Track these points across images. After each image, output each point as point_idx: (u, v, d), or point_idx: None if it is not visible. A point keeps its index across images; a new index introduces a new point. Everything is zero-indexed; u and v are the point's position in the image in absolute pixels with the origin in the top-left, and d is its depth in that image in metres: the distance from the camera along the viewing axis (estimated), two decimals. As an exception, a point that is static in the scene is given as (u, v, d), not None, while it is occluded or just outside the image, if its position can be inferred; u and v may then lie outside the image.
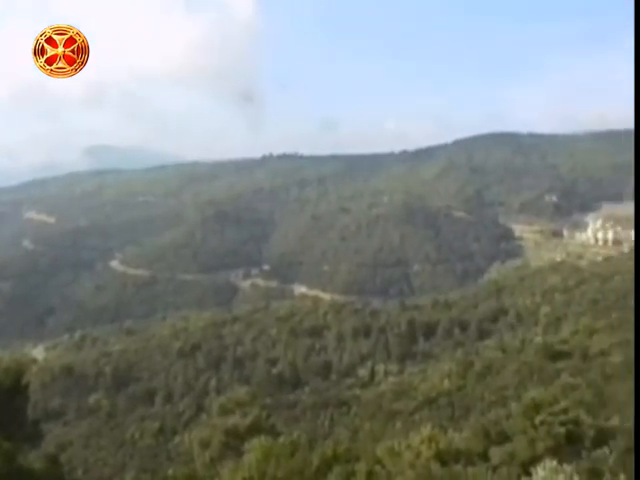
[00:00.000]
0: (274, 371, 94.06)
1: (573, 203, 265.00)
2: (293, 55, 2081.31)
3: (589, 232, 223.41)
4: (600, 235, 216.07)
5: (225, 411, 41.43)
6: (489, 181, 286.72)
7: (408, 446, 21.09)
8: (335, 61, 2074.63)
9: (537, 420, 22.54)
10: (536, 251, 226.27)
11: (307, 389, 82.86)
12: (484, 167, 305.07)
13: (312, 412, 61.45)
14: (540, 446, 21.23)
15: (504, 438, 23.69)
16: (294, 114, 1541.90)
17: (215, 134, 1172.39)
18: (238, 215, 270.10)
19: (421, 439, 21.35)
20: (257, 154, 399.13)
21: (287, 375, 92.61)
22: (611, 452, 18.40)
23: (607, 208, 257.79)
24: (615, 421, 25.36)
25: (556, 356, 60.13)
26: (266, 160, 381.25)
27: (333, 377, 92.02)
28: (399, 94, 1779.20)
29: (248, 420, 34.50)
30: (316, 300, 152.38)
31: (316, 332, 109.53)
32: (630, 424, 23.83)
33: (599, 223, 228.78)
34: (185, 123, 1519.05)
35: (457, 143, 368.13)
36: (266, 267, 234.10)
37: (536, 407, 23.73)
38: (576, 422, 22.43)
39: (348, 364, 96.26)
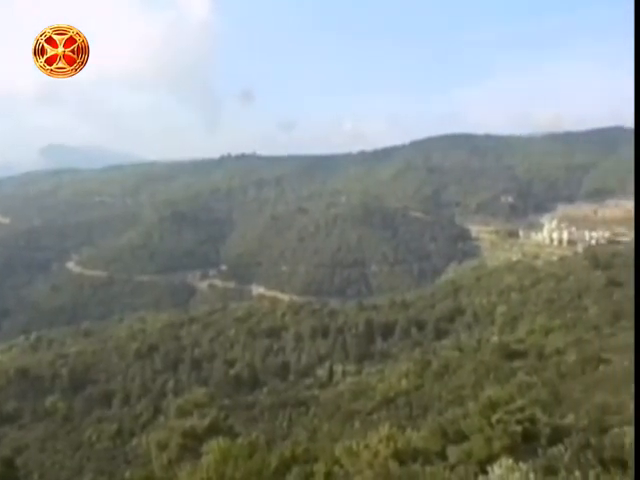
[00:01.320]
0: (232, 372, 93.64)
1: (529, 204, 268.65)
2: (250, 55, 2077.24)
3: (544, 232, 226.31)
4: (555, 235, 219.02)
5: (183, 413, 41.39)
6: (446, 182, 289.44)
7: (366, 446, 21.14)
8: (292, 61, 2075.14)
9: (494, 419, 22.71)
10: (492, 251, 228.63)
11: (265, 390, 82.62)
12: (441, 168, 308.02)
13: (270, 413, 61.23)
14: (497, 444, 21.40)
15: (461, 437, 23.83)
16: (252, 114, 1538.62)
17: (172, 134, 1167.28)
18: (196, 215, 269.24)
19: (379, 438, 21.41)
20: (215, 154, 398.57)
21: (245, 376, 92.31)
22: (566, 449, 18.58)
23: (562, 209, 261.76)
24: (570, 419, 25.67)
25: (512, 355, 60.60)
26: (224, 160, 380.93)
27: (291, 378, 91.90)
28: (355, 95, 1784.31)
29: (206, 421, 34.49)
30: (274, 301, 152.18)
31: (274, 333, 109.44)
32: (583, 423, 24.21)
33: (554, 223, 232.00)
34: (142, 123, 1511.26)
35: (414, 144, 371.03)
36: (224, 268, 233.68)
37: (493, 406, 23.92)
38: (532, 420, 22.64)
39: (306, 364, 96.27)
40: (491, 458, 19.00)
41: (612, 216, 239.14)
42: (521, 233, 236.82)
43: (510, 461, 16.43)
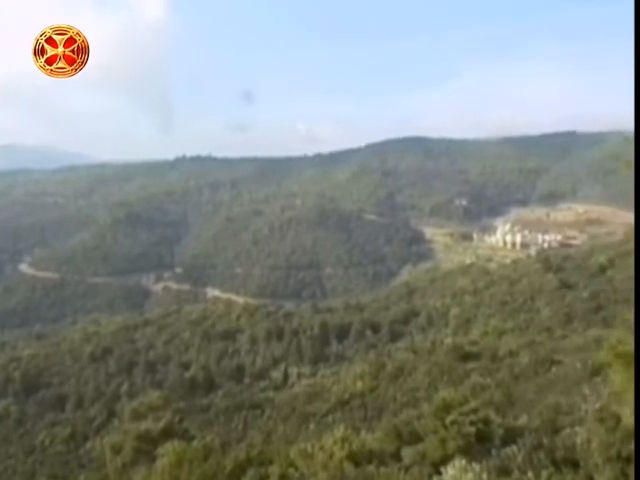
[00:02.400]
0: (187, 375, 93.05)
1: (482, 207, 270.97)
2: (206, 56, 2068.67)
3: (498, 235, 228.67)
4: (508, 238, 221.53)
5: (137, 416, 41.07)
6: (401, 185, 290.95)
7: (321, 448, 21.18)
8: (247, 62, 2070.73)
9: (448, 420, 22.86)
10: (446, 254, 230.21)
11: (220, 392, 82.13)
12: (396, 171, 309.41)
13: (225, 415, 60.94)
14: (451, 445, 21.55)
15: (416, 438, 23.97)
16: (206, 116, 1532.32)
17: (127, 135, 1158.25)
18: (150, 217, 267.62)
19: (334, 440, 21.46)
20: (170, 156, 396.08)
21: (200, 379, 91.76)
22: (519, 450, 18.78)
23: (515, 212, 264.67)
24: (523, 420, 25.94)
25: (466, 357, 60.99)
26: (179, 162, 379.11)
27: (246, 380, 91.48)
28: (310, 97, 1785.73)
29: (160, 424, 34.25)
30: (229, 303, 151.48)
31: (229, 335, 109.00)
32: (536, 423, 24.47)
33: (507, 227, 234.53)
34: (96, 124, 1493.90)
35: (369, 147, 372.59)
36: (178, 270, 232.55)
37: (447, 407, 24.08)
38: (486, 421, 22.83)
39: (261, 367, 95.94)
40: (445, 459, 19.13)
41: (564, 220, 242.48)
42: (475, 236, 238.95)
43: (464, 462, 16.57)
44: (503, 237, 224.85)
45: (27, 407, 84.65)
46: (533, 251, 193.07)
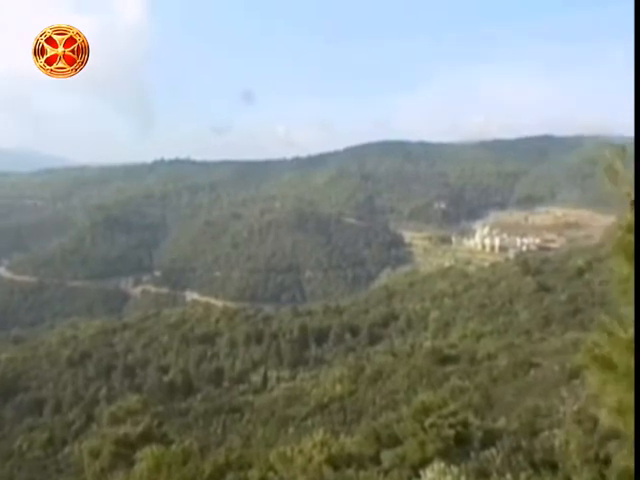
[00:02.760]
0: (165, 379, 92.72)
1: (461, 210, 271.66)
2: (185, 59, 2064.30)
3: (476, 239, 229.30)
4: (487, 242, 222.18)
5: (116, 420, 40.83)
6: (380, 188, 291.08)
7: (300, 451, 21.17)
8: (226, 65, 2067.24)
9: (427, 423, 22.92)
10: (425, 257, 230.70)
11: (199, 396, 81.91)
12: (375, 174, 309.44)
13: (204, 419, 60.83)
14: (430, 448, 21.61)
15: (395, 441, 24.02)
16: (185, 118, 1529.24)
17: (105, 138, 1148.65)
18: (129, 220, 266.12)
19: (313, 444, 21.46)
20: (148, 159, 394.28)
21: (179, 382, 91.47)
22: (498, 452, 18.88)
23: (494, 215, 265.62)
24: (502, 422, 26.07)
25: (445, 360, 61.19)
26: (157, 165, 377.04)
27: (225, 384, 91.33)
28: (288, 100, 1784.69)
29: (139, 429, 34.06)
30: (208, 307, 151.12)
31: (208, 339, 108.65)
32: (514, 426, 24.58)
33: (486, 230, 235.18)
34: (74, 126, 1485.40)
35: (348, 150, 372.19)
36: (157, 273, 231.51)
37: (426, 410, 24.14)
38: (464, 424, 22.92)
39: (240, 371, 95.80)
40: (424, 462, 19.17)
41: (542, 223, 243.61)
42: (454, 239, 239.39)
43: (442, 465, 16.61)
44: (482, 240, 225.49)
45: (5, 411, 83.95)
46: (512, 254, 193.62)
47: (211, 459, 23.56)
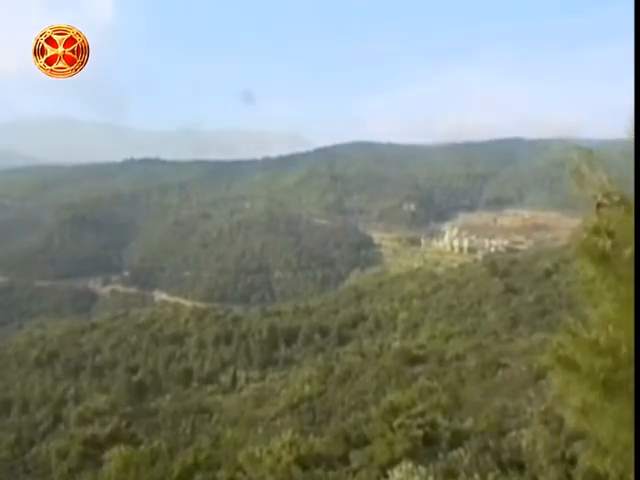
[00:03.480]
0: (134, 379, 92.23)
1: (430, 212, 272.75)
2: (155, 59, 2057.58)
3: (445, 240, 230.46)
4: (456, 243, 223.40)
5: (84, 420, 40.66)
6: (350, 189, 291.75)
7: (269, 452, 21.21)
8: (197, 64, 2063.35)
9: (395, 423, 23.03)
10: (394, 258, 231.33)
11: (168, 397, 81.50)
12: (345, 175, 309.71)
13: (173, 420, 60.42)
14: (398, 448, 21.69)
15: (364, 441, 24.12)
16: (155, 118, 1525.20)
17: (74, 137, 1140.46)
18: (98, 220, 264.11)
19: (282, 444, 21.52)
20: (118, 158, 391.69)
21: (147, 383, 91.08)
22: (466, 453, 18.99)
23: (463, 217, 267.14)
24: (470, 423, 26.21)
25: (413, 360, 61.34)
26: (127, 164, 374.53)
27: (194, 384, 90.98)
28: (258, 100, 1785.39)
29: (107, 429, 34.01)
30: (177, 307, 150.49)
31: (177, 339, 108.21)
32: (482, 426, 24.74)
33: (455, 231, 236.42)
34: (43, 125, 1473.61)
35: (319, 151, 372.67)
36: (126, 273, 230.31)
37: (394, 410, 24.29)
38: (433, 424, 23.06)
39: (209, 371, 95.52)
40: (393, 462, 19.26)
41: (511, 225, 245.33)
42: (423, 241, 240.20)
43: (410, 465, 16.70)
44: (450, 242, 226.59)
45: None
46: (480, 256, 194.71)
47: (180, 459, 23.50)
